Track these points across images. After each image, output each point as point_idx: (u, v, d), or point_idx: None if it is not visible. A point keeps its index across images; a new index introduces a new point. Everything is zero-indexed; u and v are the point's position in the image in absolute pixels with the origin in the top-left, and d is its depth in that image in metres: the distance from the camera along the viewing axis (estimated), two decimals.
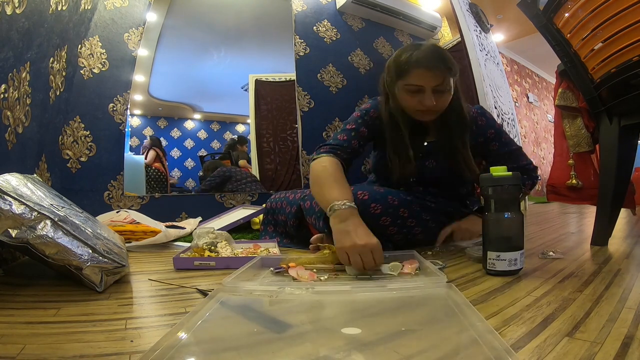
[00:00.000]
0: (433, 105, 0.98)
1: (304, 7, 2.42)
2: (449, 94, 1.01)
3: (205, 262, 0.89)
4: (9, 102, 0.98)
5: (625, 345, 0.41)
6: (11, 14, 0.95)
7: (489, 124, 1.13)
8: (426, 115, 1.03)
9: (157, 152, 2.10)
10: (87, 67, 1.75)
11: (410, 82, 0.99)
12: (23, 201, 0.66)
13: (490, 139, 1.13)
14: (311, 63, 2.37)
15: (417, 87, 0.98)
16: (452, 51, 3.09)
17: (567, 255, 0.93)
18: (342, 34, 2.54)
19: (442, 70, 0.96)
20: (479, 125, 1.12)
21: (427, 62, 0.96)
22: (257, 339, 0.45)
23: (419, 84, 0.97)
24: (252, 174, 2.22)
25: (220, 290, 0.60)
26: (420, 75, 0.97)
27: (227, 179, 2.13)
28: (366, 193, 0.99)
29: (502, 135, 1.14)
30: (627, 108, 0.97)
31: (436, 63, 0.96)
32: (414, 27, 2.91)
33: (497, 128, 1.14)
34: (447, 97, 1.01)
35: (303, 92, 2.32)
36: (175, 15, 2.12)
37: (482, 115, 1.14)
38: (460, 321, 0.47)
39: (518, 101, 4.34)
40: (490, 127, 1.13)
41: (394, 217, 1.00)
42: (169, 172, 2.14)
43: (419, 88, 0.98)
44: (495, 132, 1.13)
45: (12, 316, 0.55)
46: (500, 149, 1.13)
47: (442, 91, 0.99)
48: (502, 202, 0.76)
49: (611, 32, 0.89)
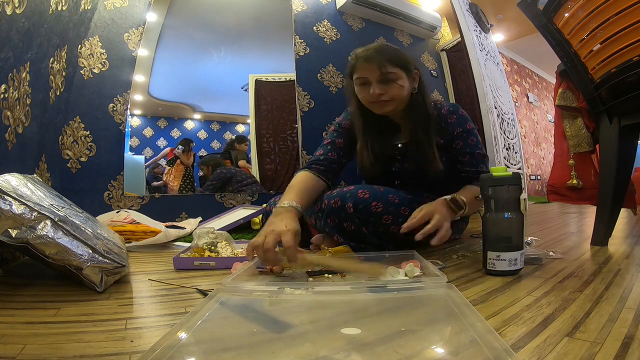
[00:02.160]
0: (379, 95, 1.04)
1: (304, 7, 2.42)
2: (401, 85, 1.05)
3: (205, 262, 0.89)
4: (9, 102, 0.98)
5: (625, 345, 0.41)
6: (11, 14, 0.95)
7: (459, 122, 1.12)
8: (382, 107, 1.07)
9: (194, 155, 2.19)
10: (87, 67, 1.76)
11: (357, 75, 1.07)
12: (23, 201, 0.66)
13: (455, 137, 1.11)
14: (311, 63, 2.37)
15: (363, 79, 1.06)
16: (452, 51, 3.10)
17: (567, 255, 0.93)
18: (342, 34, 2.54)
19: (378, 60, 1.02)
20: (448, 123, 1.11)
21: (365, 56, 1.05)
22: (257, 339, 0.45)
23: (363, 75, 1.05)
24: (252, 175, 2.22)
25: (220, 290, 0.60)
26: (362, 67, 1.05)
27: (227, 181, 2.14)
28: (367, 192, 1.00)
29: (470, 137, 1.12)
30: (627, 108, 0.97)
31: (374, 55, 1.04)
32: (414, 27, 2.91)
33: (466, 128, 1.12)
34: (396, 87, 1.04)
35: (303, 92, 2.32)
36: (175, 15, 2.12)
37: (454, 114, 1.13)
38: (460, 321, 0.47)
39: (518, 101, 4.34)
40: (459, 125, 1.11)
41: (395, 216, 1.00)
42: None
43: (365, 80, 1.06)
44: (463, 131, 1.11)
45: (12, 316, 0.55)
46: (462, 149, 1.11)
47: (387, 81, 1.04)
48: (502, 202, 0.76)
49: (611, 32, 0.89)
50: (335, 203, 1.00)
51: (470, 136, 1.12)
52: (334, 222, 1.01)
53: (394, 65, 1.04)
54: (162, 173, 2.12)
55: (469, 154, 1.11)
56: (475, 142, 1.13)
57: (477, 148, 1.12)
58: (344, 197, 1.00)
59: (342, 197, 1.00)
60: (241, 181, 2.15)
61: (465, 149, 1.11)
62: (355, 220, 0.98)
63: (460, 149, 1.11)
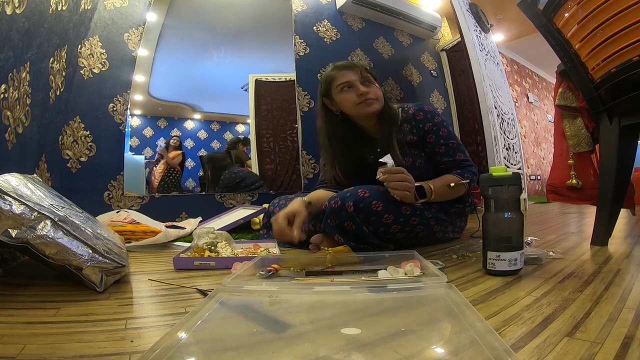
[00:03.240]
0: (367, 92, 1.13)
1: (304, 7, 2.42)
2: (377, 87, 1.17)
3: (205, 262, 0.89)
4: (9, 102, 0.98)
5: (625, 345, 0.41)
6: (11, 14, 0.95)
7: (426, 117, 1.17)
8: (370, 105, 1.14)
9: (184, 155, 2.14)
10: (87, 67, 1.76)
11: (339, 82, 1.16)
12: (23, 201, 0.66)
13: (427, 132, 1.16)
14: (311, 63, 2.37)
15: (347, 82, 1.15)
16: (452, 51, 3.10)
17: (567, 255, 0.93)
18: (342, 34, 2.54)
19: (356, 66, 1.17)
20: (417, 120, 1.17)
21: (343, 65, 1.18)
22: (257, 339, 0.45)
23: (346, 80, 1.15)
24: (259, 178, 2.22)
25: (220, 290, 0.60)
26: (343, 74, 1.16)
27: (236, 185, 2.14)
28: (367, 191, 1.00)
29: (441, 129, 1.17)
30: (627, 108, 0.96)
31: (349, 64, 1.18)
32: (414, 27, 2.91)
33: (435, 122, 1.17)
34: (376, 87, 1.16)
35: (303, 92, 2.32)
36: (175, 15, 2.12)
37: (420, 111, 1.18)
38: (460, 321, 0.47)
39: (518, 101, 4.34)
40: (428, 120, 1.17)
41: (396, 215, 1.00)
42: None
43: (349, 83, 1.15)
44: (433, 125, 1.16)
45: (12, 316, 0.55)
46: (436, 141, 1.16)
47: (369, 81, 1.16)
48: (502, 202, 0.76)
49: (611, 32, 0.89)
50: (336, 203, 1.00)
51: (441, 128, 1.17)
52: (335, 222, 1.01)
53: (367, 72, 1.17)
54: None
55: (444, 144, 1.16)
56: (447, 133, 1.17)
57: (451, 138, 1.17)
58: (344, 197, 1.00)
59: (342, 197, 1.00)
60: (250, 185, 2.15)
61: (439, 141, 1.16)
62: (356, 219, 0.98)
63: (434, 141, 1.16)
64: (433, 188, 1.05)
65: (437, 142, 1.16)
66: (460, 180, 1.09)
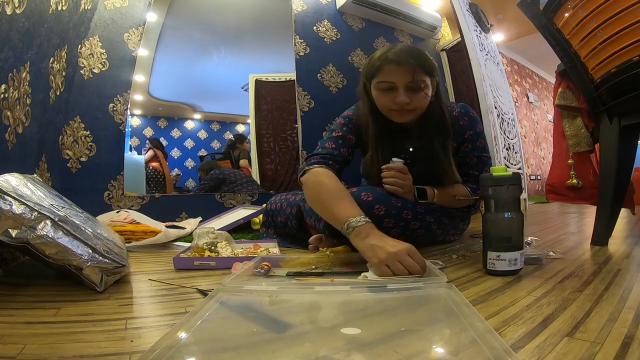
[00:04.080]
0: (406, 104, 0.96)
1: (304, 7, 2.42)
2: (425, 94, 0.98)
3: (205, 262, 0.89)
4: (9, 102, 0.98)
5: (625, 345, 0.41)
6: (11, 14, 0.95)
7: (470, 124, 1.10)
8: (403, 116, 1.00)
9: (155, 152, 2.10)
10: (87, 67, 1.76)
11: (381, 79, 0.97)
12: (23, 201, 0.66)
13: (465, 139, 1.10)
14: (311, 63, 2.37)
15: (389, 84, 0.96)
16: (452, 51, 3.10)
17: (567, 255, 0.93)
18: (342, 34, 2.54)
19: (412, 65, 0.94)
20: (460, 125, 1.09)
21: (397, 58, 0.94)
22: (257, 339, 0.45)
23: (390, 80, 0.96)
24: (247, 175, 2.21)
25: (220, 290, 0.60)
26: (390, 71, 0.95)
27: (221, 182, 2.13)
28: (370, 194, 0.99)
29: (478, 139, 1.11)
30: (627, 108, 0.96)
31: (406, 58, 0.94)
32: (414, 27, 2.91)
33: (476, 130, 1.11)
34: (422, 96, 0.98)
35: (303, 92, 2.32)
36: (175, 15, 2.12)
37: (465, 115, 1.11)
38: (460, 321, 0.47)
39: (518, 101, 4.34)
40: (470, 128, 1.10)
41: (397, 219, 1.00)
42: (169, 173, 2.14)
43: (391, 85, 0.96)
44: (474, 134, 1.10)
45: (12, 316, 0.55)
46: (471, 152, 1.11)
47: (416, 89, 0.96)
48: (502, 202, 0.76)
49: (611, 32, 0.89)
50: None
51: (479, 139, 1.11)
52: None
53: (424, 73, 0.96)
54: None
55: (477, 157, 1.10)
56: (484, 144, 1.12)
57: (485, 151, 1.12)
58: None
59: None
60: (235, 182, 2.14)
61: (473, 152, 1.11)
62: None
63: (469, 151, 1.11)
64: (436, 193, 1.03)
65: (472, 153, 1.10)
66: (467, 197, 1.06)
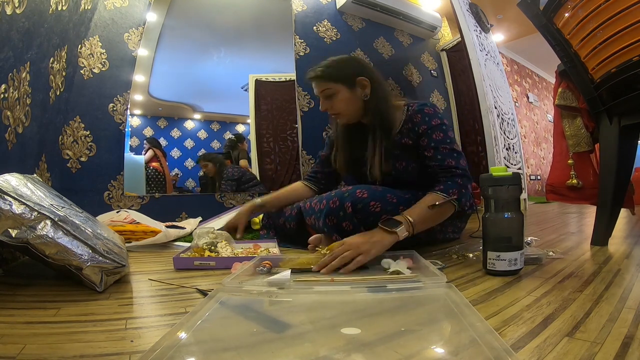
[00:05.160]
0: (326, 109, 1.14)
1: (304, 7, 2.42)
2: (341, 98, 1.11)
3: (205, 262, 0.89)
4: (9, 102, 0.98)
5: (625, 345, 0.41)
6: (11, 14, 0.95)
7: (423, 120, 1.09)
8: (337, 119, 1.18)
9: (155, 152, 2.10)
10: (87, 67, 1.76)
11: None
12: (23, 201, 0.66)
13: (420, 135, 1.08)
14: (311, 63, 2.35)
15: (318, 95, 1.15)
16: (452, 51, 3.10)
17: (567, 255, 0.93)
18: (342, 34, 2.54)
19: (317, 78, 1.12)
20: (414, 122, 1.10)
21: (310, 74, 1.13)
22: (256, 339, 0.45)
23: (315, 93, 1.15)
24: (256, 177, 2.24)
25: (219, 290, 0.60)
26: (313, 85, 1.15)
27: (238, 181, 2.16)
28: (365, 191, 1.00)
29: (434, 132, 1.07)
30: (627, 108, 0.96)
31: (312, 74, 1.12)
32: (414, 27, 2.91)
33: (431, 124, 1.08)
34: (338, 100, 1.11)
35: (303, 92, 2.32)
36: (175, 15, 2.12)
37: (418, 113, 1.10)
38: (460, 321, 0.47)
39: (518, 101, 4.34)
40: (423, 123, 1.08)
41: (393, 215, 1.00)
42: (169, 172, 2.14)
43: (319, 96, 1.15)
44: (428, 127, 1.07)
45: (12, 316, 0.55)
46: (427, 145, 1.07)
47: (328, 96, 1.12)
48: (502, 202, 0.76)
49: (611, 32, 0.89)
50: (334, 203, 1.00)
51: (435, 131, 1.07)
52: (333, 222, 1.01)
53: (331, 81, 1.10)
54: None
55: (433, 148, 1.06)
56: (443, 137, 1.07)
57: (443, 143, 1.07)
58: (342, 197, 1.00)
59: (340, 197, 1.00)
60: (248, 182, 2.16)
61: (429, 144, 1.07)
62: (354, 220, 0.98)
63: (425, 145, 1.08)
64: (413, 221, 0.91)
65: (428, 145, 1.07)
66: (441, 199, 0.95)
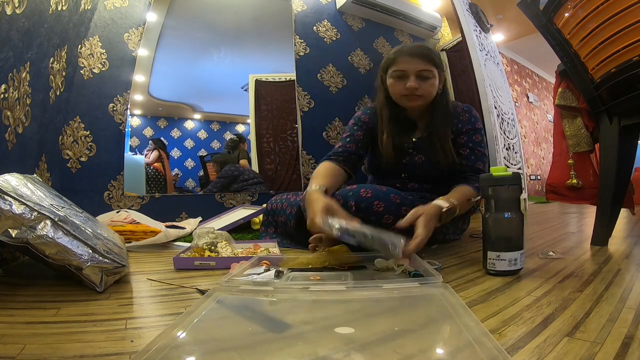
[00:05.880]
0: (415, 89, 1.09)
1: (304, 7, 2.42)
2: (433, 83, 1.11)
3: (205, 262, 0.89)
4: (9, 102, 0.98)
5: (625, 345, 0.41)
6: (11, 14, 0.95)
7: (470, 120, 1.17)
8: (412, 101, 1.12)
9: (160, 152, 2.11)
10: (87, 67, 1.76)
11: (395, 68, 1.11)
12: (23, 201, 0.66)
13: (462, 133, 1.15)
14: (311, 63, 2.37)
15: (402, 72, 1.10)
16: (452, 51, 3.09)
17: (567, 255, 0.93)
18: (342, 34, 2.54)
19: (422, 57, 1.09)
20: (460, 120, 1.16)
21: (409, 51, 1.11)
22: (255, 339, 0.45)
23: (402, 68, 1.10)
24: (259, 175, 2.22)
25: (216, 290, 0.60)
26: (403, 61, 1.10)
27: (234, 179, 2.14)
28: (369, 191, 1.00)
29: (475, 134, 1.15)
30: (627, 108, 0.96)
31: (418, 51, 1.10)
32: (414, 27, 2.91)
33: (475, 127, 1.16)
34: (430, 84, 1.10)
35: (303, 92, 2.32)
36: (175, 15, 2.12)
37: (467, 112, 1.18)
38: (455, 322, 0.47)
39: (518, 101, 4.34)
40: (469, 123, 1.16)
41: (396, 215, 1.00)
42: (171, 173, 2.14)
43: (403, 73, 1.10)
44: (472, 128, 1.16)
45: (12, 316, 0.55)
46: (465, 143, 1.14)
47: (425, 77, 1.10)
48: (502, 202, 0.76)
49: (611, 32, 0.89)
50: (338, 202, 1.00)
51: (476, 134, 1.16)
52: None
53: (432, 64, 1.10)
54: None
55: (470, 148, 1.14)
56: (480, 140, 1.16)
57: (479, 146, 1.15)
58: (346, 196, 1.00)
59: (344, 196, 1.00)
60: (247, 180, 2.15)
61: (467, 143, 1.14)
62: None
63: (463, 143, 1.15)
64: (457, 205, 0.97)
65: (466, 144, 1.14)
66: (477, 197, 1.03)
